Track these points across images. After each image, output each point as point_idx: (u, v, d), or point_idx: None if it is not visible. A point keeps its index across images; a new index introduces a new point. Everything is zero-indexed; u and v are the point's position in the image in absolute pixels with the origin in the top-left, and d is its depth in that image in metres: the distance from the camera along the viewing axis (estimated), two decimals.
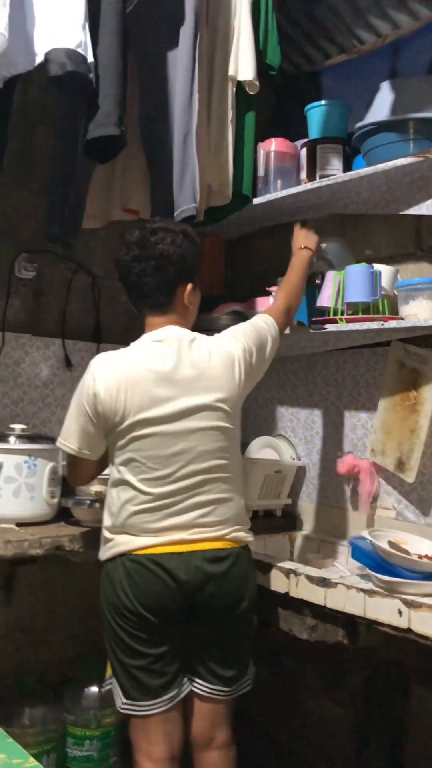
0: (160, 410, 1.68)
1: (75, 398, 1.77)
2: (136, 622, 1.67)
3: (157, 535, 1.68)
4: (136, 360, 1.73)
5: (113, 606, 1.69)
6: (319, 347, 2.39)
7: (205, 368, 1.73)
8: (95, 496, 2.13)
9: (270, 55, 2.34)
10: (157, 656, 1.68)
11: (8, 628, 2.31)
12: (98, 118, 1.69)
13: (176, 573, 1.66)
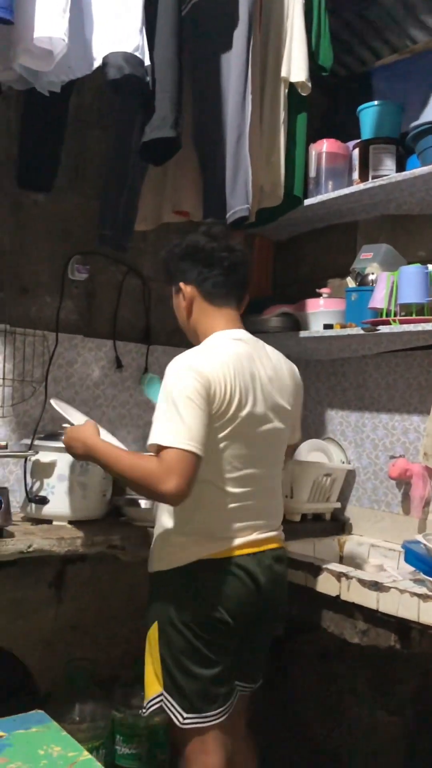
0: (255, 409, 1.65)
1: (178, 397, 1.54)
2: (218, 630, 1.62)
3: (236, 536, 1.65)
4: (233, 358, 1.64)
5: (192, 615, 1.61)
6: (371, 349, 2.37)
7: (280, 372, 1.75)
8: None
9: (322, 56, 2.33)
10: (229, 664, 1.66)
11: (58, 625, 2.34)
12: (154, 120, 1.71)
13: (255, 574, 1.65)
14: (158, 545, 1.71)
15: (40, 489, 2.02)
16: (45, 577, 2.31)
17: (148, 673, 1.69)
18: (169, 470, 1.49)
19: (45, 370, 2.29)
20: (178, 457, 1.49)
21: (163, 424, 1.54)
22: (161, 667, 1.65)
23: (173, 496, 1.50)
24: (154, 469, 1.50)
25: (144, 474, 1.52)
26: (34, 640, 2.29)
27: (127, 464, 1.58)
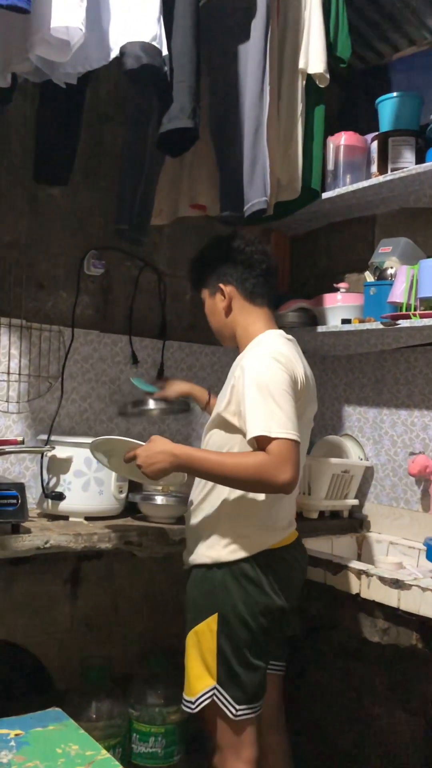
0: (310, 405, 1.73)
1: (274, 389, 1.55)
2: (277, 618, 1.66)
3: (289, 525, 1.74)
4: (296, 355, 1.69)
5: (259, 604, 1.63)
6: (390, 344, 2.34)
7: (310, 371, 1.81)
8: (162, 491, 2.13)
9: (340, 48, 2.30)
10: (278, 651, 1.78)
11: (74, 622, 2.32)
12: (172, 111, 1.69)
13: (302, 560, 1.76)
14: (217, 537, 1.68)
15: (57, 485, 2.01)
16: (60, 574, 2.29)
17: (194, 668, 1.68)
18: (283, 460, 1.50)
19: (61, 365, 2.28)
20: (288, 446, 1.51)
21: (265, 415, 1.53)
22: (216, 659, 1.65)
23: (290, 485, 1.51)
24: (268, 463, 1.50)
25: (257, 470, 1.51)
26: (49, 637, 2.27)
27: (233, 465, 1.55)
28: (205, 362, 2.62)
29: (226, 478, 1.57)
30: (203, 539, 1.70)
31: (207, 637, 1.65)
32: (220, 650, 1.64)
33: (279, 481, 1.50)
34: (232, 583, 1.65)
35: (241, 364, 1.65)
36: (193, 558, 1.72)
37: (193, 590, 1.71)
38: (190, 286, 1.95)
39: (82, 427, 2.35)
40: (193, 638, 1.69)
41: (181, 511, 2.11)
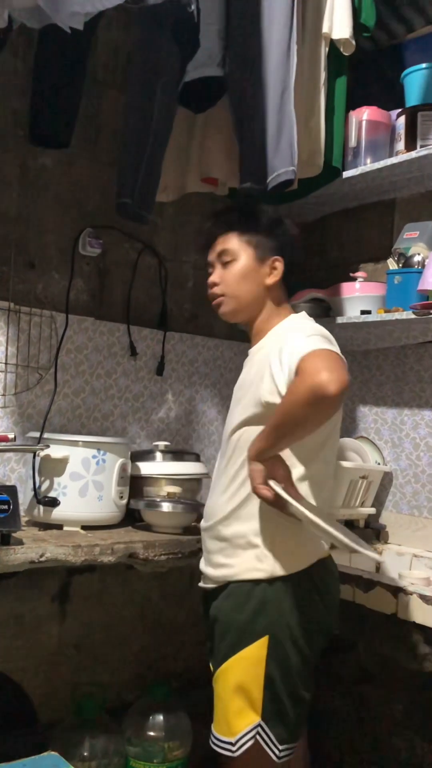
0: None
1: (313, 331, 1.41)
2: (321, 639, 1.49)
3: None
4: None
5: (314, 625, 1.45)
6: (416, 338, 2.15)
7: None
8: (168, 497, 1.89)
9: (365, 14, 2.11)
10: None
11: (62, 644, 2.07)
12: (199, 57, 1.47)
13: (337, 573, 1.57)
14: (268, 547, 1.44)
15: (50, 489, 1.76)
16: (48, 590, 2.04)
17: (234, 701, 1.42)
18: (326, 361, 1.26)
19: (53, 355, 2.03)
20: (333, 354, 1.30)
21: (310, 341, 1.34)
22: (264, 690, 1.40)
23: (339, 381, 1.23)
24: (308, 373, 1.25)
25: (300, 387, 1.26)
26: (35, 662, 2.02)
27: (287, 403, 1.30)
28: (207, 356, 2.40)
29: (292, 420, 1.30)
30: (246, 550, 1.45)
31: (254, 663, 1.40)
32: (268, 679, 1.40)
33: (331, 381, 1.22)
34: (287, 599, 1.41)
35: (279, 347, 1.40)
36: (232, 573, 1.46)
37: (232, 611, 1.44)
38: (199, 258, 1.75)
39: (74, 424, 2.10)
40: (234, 667, 1.42)
41: (190, 519, 1.89)
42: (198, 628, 2.25)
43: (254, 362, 1.54)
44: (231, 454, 1.50)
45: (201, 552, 1.77)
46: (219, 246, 1.57)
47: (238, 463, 1.48)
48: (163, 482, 1.97)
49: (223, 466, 1.53)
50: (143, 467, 1.99)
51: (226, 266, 1.56)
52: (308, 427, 1.33)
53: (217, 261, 1.58)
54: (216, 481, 1.56)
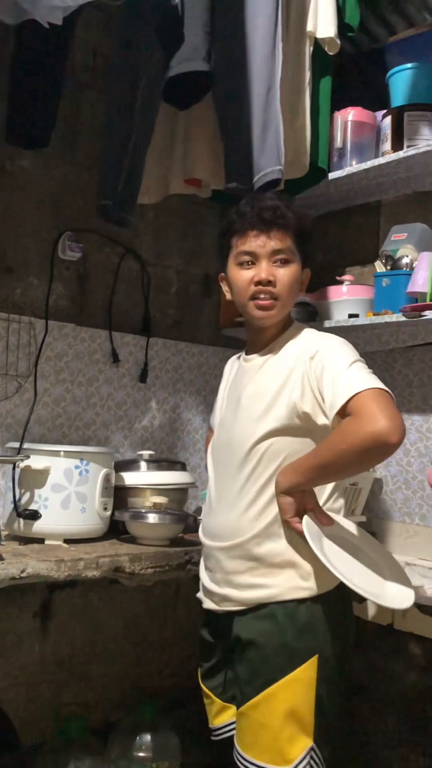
0: None
1: (353, 353, 1.37)
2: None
3: None
4: None
5: (350, 641, 1.41)
6: (405, 341, 2.10)
7: None
8: (153, 508, 1.83)
9: (349, 14, 2.08)
10: None
11: (45, 663, 1.99)
12: (183, 52, 1.42)
13: None
14: (309, 564, 1.37)
15: (31, 501, 1.69)
16: (29, 607, 1.97)
17: (285, 727, 1.33)
18: (384, 406, 1.22)
19: (32, 362, 1.96)
20: (388, 396, 1.26)
21: (361, 373, 1.30)
22: (315, 713, 1.34)
23: (400, 430, 1.21)
24: (366, 418, 1.21)
25: (359, 432, 1.22)
26: (16, 681, 1.94)
27: (339, 442, 1.26)
28: (192, 363, 2.34)
29: (343, 463, 1.27)
30: (285, 569, 1.37)
31: (304, 686, 1.34)
32: (319, 700, 1.34)
33: (393, 430, 1.19)
34: (331, 616, 1.36)
35: (313, 362, 1.36)
36: (272, 594, 1.37)
37: (275, 633, 1.36)
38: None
39: (55, 434, 2.03)
40: (284, 691, 1.34)
41: (177, 530, 1.82)
42: (185, 643, 2.20)
43: (268, 371, 1.45)
44: (255, 466, 1.40)
45: (188, 564, 1.71)
46: (276, 240, 1.42)
47: (265, 476, 1.39)
48: (148, 492, 1.91)
49: (242, 478, 1.41)
50: (127, 477, 1.92)
51: (281, 265, 1.43)
52: (357, 472, 1.33)
53: (269, 256, 1.43)
54: (231, 495, 1.43)
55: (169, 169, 2.01)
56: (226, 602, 1.43)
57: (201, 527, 1.53)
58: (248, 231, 1.42)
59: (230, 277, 1.49)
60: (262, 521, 1.39)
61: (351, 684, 2.01)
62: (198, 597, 1.52)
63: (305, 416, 1.36)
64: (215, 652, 1.51)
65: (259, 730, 1.35)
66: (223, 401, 1.58)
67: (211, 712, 1.54)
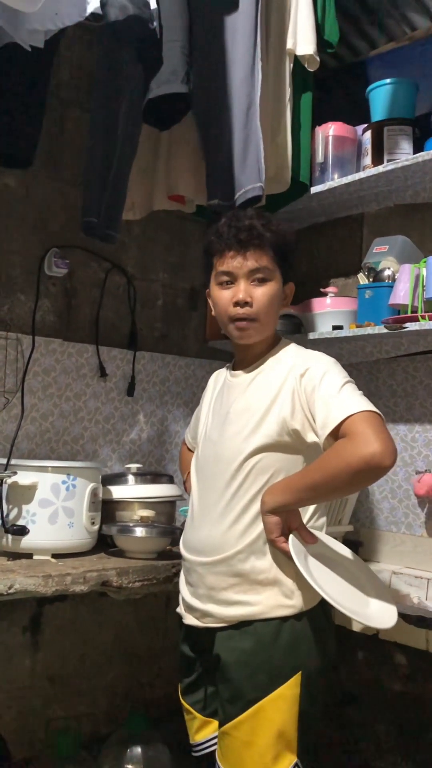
0: None
1: (343, 374, 1.39)
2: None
3: None
4: None
5: (330, 655, 1.43)
6: (388, 352, 2.13)
7: None
8: (141, 522, 1.84)
9: (328, 31, 2.12)
10: None
11: (35, 677, 2.00)
12: (162, 74, 1.44)
13: None
14: (294, 581, 1.38)
15: (18, 517, 1.70)
16: (19, 621, 1.98)
17: (271, 746, 1.33)
18: (377, 429, 1.24)
19: (19, 378, 1.98)
20: (380, 419, 1.28)
21: (353, 395, 1.33)
22: (297, 728, 1.35)
23: (393, 453, 1.24)
24: (360, 440, 1.23)
25: (352, 455, 1.23)
26: (6, 695, 1.95)
27: (332, 463, 1.27)
28: (179, 375, 2.36)
29: (335, 484, 1.28)
30: (267, 586, 1.38)
31: (288, 702, 1.35)
32: (302, 716, 1.35)
33: (386, 453, 1.22)
34: (314, 633, 1.38)
35: (303, 379, 1.38)
36: (255, 612, 1.37)
37: (259, 651, 1.36)
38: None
39: (43, 449, 2.05)
40: (269, 708, 1.34)
41: (164, 544, 1.84)
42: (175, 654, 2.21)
43: (257, 387, 1.46)
44: (243, 481, 1.40)
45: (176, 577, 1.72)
46: (253, 260, 1.43)
47: (252, 491, 1.39)
48: (136, 506, 1.92)
49: (229, 493, 1.41)
50: (115, 491, 1.94)
51: (258, 284, 1.44)
52: (346, 494, 1.35)
53: (247, 276, 1.44)
54: (216, 510, 1.43)
55: (153, 185, 2.03)
56: (207, 618, 1.43)
57: (182, 541, 1.53)
58: (225, 251, 1.44)
59: (212, 295, 1.51)
60: (247, 537, 1.39)
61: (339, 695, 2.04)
62: (178, 612, 1.52)
63: (294, 433, 1.38)
64: (195, 667, 1.52)
65: (243, 750, 1.35)
66: (208, 415, 1.57)
67: (191, 728, 1.53)
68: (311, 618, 1.38)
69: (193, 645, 1.51)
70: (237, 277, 1.44)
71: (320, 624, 1.40)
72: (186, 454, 1.78)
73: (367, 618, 1.34)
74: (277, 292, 1.47)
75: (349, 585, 1.41)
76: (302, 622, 1.37)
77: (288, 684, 1.34)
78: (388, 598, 1.41)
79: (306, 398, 1.36)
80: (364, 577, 1.46)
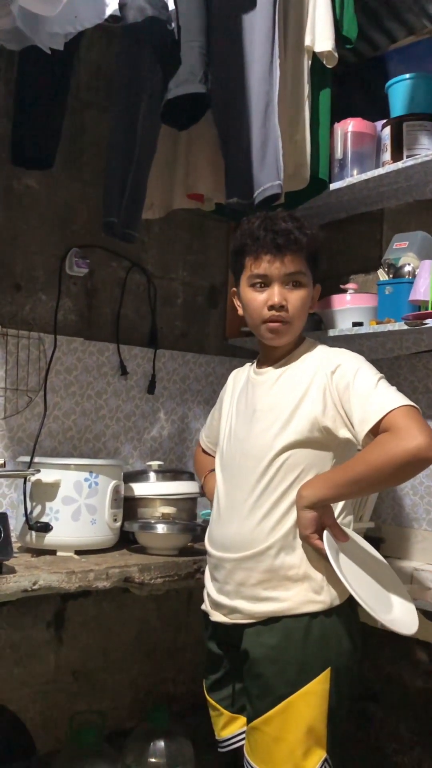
0: None
1: (374, 370, 1.41)
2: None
3: None
4: None
5: (359, 650, 1.44)
6: (409, 348, 2.12)
7: None
8: (162, 518, 1.86)
9: (346, 26, 2.10)
10: None
11: (59, 672, 2.03)
12: (180, 74, 1.45)
13: None
14: (324, 575, 1.39)
15: (42, 514, 1.73)
16: (43, 617, 2.01)
17: (301, 741, 1.35)
18: (420, 423, 1.27)
19: (41, 377, 2.00)
20: (419, 413, 1.30)
21: (389, 390, 1.35)
22: (327, 724, 1.36)
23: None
24: (404, 434, 1.25)
25: (397, 448, 1.25)
26: (31, 690, 1.98)
27: (376, 457, 1.28)
28: (199, 373, 2.38)
29: (379, 477, 1.29)
30: (297, 582, 1.39)
31: (318, 698, 1.35)
32: (331, 711, 1.36)
33: (425, 444, 1.23)
34: (343, 628, 1.39)
35: (334, 376, 1.40)
36: (285, 608, 1.38)
37: (288, 647, 1.37)
38: (232, 278, 1.59)
39: (66, 447, 2.07)
40: (298, 704, 1.35)
41: (185, 540, 1.85)
42: (198, 649, 2.22)
43: (285, 384, 1.47)
44: (272, 477, 1.41)
45: (198, 573, 1.73)
46: (289, 265, 1.44)
47: (282, 487, 1.40)
48: (157, 503, 1.94)
49: (259, 489, 1.42)
50: (137, 488, 1.96)
51: (293, 288, 1.46)
52: (390, 486, 1.35)
53: (282, 279, 1.45)
54: (245, 506, 1.43)
55: (172, 184, 2.04)
56: (235, 614, 1.44)
57: (208, 538, 1.54)
58: (262, 255, 1.44)
59: (243, 296, 1.51)
60: (277, 532, 1.40)
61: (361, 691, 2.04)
62: (203, 609, 1.54)
63: (325, 430, 1.39)
64: (222, 664, 1.53)
65: (273, 745, 1.36)
66: (231, 413, 1.58)
67: (218, 724, 1.55)
68: (339, 614, 1.39)
69: (220, 642, 1.52)
70: (272, 280, 1.45)
71: (348, 620, 1.41)
72: (201, 457, 1.79)
73: (392, 622, 1.33)
74: (308, 296, 1.49)
75: (376, 585, 1.41)
76: (331, 619, 1.38)
77: (318, 679, 1.35)
78: (410, 602, 1.42)
79: (339, 395, 1.37)
80: (388, 579, 1.46)
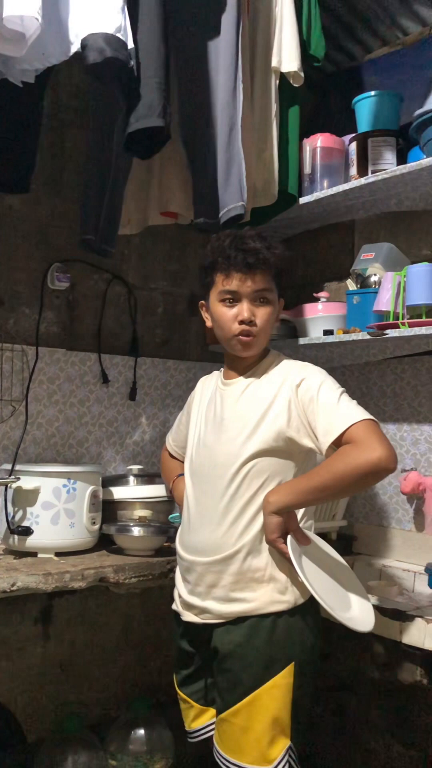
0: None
1: (337, 385, 1.51)
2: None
3: None
4: None
5: (319, 645, 1.55)
6: (376, 355, 2.22)
7: None
8: (139, 521, 1.97)
9: (314, 46, 2.19)
10: None
11: (46, 665, 2.15)
12: (140, 109, 1.55)
13: None
14: (288, 576, 1.49)
15: (23, 519, 1.84)
16: (30, 613, 2.13)
17: (266, 731, 1.45)
18: (380, 437, 1.39)
19: (25, 387, 2.11)
20: (379, 426, 1.43)
21: (351, 404, 1.46)
22: (291, 714, 1.47)
23: (396, 457, 1.38)
24: (366, 446, 1.37)
25: (359, 459, 1.37)
26: (20, 682, 2.10)
27: (342, 467, 1.38)
28: (180, 379, 2.48)
29: (342, 485, 1.41)
30: (263, 583, 1.49)
31: (282, 691, 1.46)
32: (294, 703, 1.47)
33: (383, 457, 1.35)
34: (307, 625, 1.51)
35: (298, 389, 1.50)
36: (252, 608, 1.48)
37: (256, 644, 1.48)
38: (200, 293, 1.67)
39: (50, 453, 2.18)
40: (264, 697, 1.46)
41: (160, 542, 1.96)
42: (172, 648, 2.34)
43: (251, 396, 1.56)
44: (240, 484, 1.50)
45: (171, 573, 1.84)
46: (258, 282, 1.53)
47: (248, 494, 1.50)
48: (136, 505, 2.04)
49: (228, 496, 1.51)
50: (116, 492, 2.06)
51: (260, 304, 1.55)
52: (350, 494, 1.47)
53: (251, 296, 1.54)
54: (215, 512, 1.52)
55: (147, 202, 2.13)
56: (206, 614, 1.54)
57: (179, 542, 1.64)
58: (233, 272, 1.53)
59: (213, 310, 1.60)
60: (245, 537, 1.50)
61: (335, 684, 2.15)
62: (174, 609, 1.65)
63: (290, 440, 1.49)
64: (194, 660, 1.63)
65: (241, 735, 1.47)
66: (199, 421, 1.67)
67: (188, 716, 1.66)
68: (303, 613, 1.50)
69: (191, 640, 1.62)
70: (242, 297, 1.54)
71: (310, 618, 1.52)
72: (168, 461, 1.89)
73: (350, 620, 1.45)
74: (274, 310, 1.59)
75: (336, 585, 1.53)
76: (295, 617, 1.49)
77: (282, 674, 1.46)
78: (368, 601, 1.53)
79: (303, 408, 1.48)
80: (348, 579, 1.57)
